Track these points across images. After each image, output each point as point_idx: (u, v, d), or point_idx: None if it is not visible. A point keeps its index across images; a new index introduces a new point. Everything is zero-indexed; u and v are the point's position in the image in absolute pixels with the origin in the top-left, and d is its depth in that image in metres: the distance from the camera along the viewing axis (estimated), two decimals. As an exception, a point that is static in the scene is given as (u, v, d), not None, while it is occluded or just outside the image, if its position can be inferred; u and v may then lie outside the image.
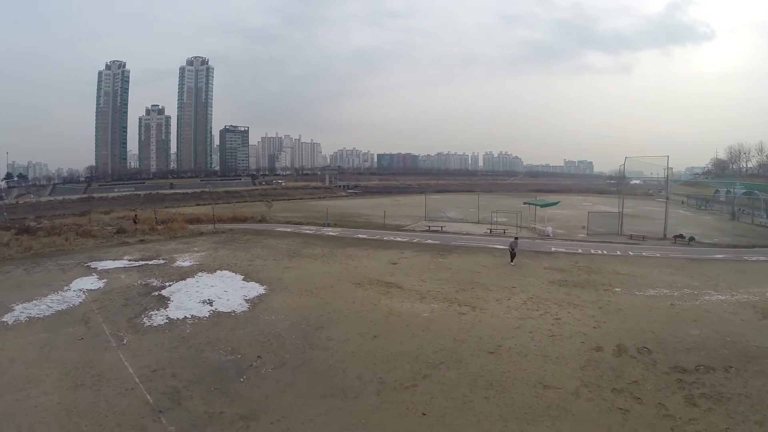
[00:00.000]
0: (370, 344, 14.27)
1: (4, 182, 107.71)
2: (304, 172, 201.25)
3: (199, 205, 78.33)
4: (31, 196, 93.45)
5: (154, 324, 16.00)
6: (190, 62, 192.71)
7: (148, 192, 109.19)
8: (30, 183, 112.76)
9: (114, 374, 12.24)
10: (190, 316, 16.64)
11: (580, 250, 30.73)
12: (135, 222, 43.65)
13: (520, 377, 12.03)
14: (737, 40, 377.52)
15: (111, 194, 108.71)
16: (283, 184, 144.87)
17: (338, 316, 16.84)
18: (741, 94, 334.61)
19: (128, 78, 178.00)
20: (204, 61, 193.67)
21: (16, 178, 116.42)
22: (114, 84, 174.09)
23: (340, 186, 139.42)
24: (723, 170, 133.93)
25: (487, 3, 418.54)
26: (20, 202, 78.30)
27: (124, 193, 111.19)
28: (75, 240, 33.73)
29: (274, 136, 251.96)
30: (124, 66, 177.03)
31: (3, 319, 16.74)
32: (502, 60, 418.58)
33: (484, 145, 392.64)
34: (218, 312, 17.22)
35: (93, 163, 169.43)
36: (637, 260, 27.53)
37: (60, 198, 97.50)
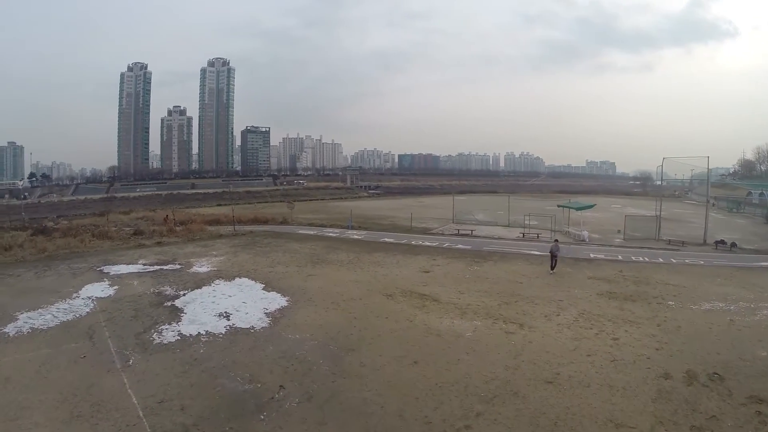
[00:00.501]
0: (410, 372, 12.30)
1: (27, 181, 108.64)
2: (326, 172, 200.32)
3: (220, 205, 77.46)
4: (54, 195, 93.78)
5: (164, 341, 14.27)
6: (211, 63, 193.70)
7: (170, 192, 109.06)
8: (53, 183, 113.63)
9: (115, 404, 10.55)
10: (204, 333, 14.88)
11: (620, 257, 28.91)
12: (166, 222, 42.22)
13: (586, 413, 10.18)
14: (761, 37, 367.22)
15: (133, 194, 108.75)
16: (305, 184, 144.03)
17: (370, 335, 14.90)
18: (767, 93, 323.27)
19: (150, 80, 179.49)
20: (225, 63, 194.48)
21: (39, 178, 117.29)
22: (136, 86, 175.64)
23: (361, 186, 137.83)
24: (750, 171, 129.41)
25: (506, 2, 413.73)
26: (42, 201, 78.41)
27: (145, 193, 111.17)
28: (90, 242, 32.55)
29: (296, 136, 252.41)
30: (146, 68, 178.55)
31: (5, 330, 15.38)
32: (522, 60, 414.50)
33: (506, 146, 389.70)
34: (236, 328, 15.41)
35: (115, 163, 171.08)
36: (683, 269, 25.62)
37: (82, 198, 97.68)
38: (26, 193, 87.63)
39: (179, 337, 14.53)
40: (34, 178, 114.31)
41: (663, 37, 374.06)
